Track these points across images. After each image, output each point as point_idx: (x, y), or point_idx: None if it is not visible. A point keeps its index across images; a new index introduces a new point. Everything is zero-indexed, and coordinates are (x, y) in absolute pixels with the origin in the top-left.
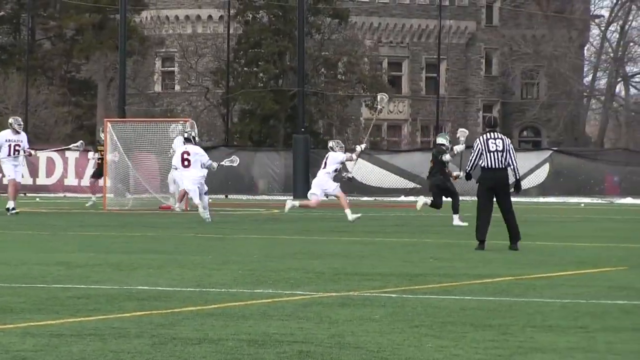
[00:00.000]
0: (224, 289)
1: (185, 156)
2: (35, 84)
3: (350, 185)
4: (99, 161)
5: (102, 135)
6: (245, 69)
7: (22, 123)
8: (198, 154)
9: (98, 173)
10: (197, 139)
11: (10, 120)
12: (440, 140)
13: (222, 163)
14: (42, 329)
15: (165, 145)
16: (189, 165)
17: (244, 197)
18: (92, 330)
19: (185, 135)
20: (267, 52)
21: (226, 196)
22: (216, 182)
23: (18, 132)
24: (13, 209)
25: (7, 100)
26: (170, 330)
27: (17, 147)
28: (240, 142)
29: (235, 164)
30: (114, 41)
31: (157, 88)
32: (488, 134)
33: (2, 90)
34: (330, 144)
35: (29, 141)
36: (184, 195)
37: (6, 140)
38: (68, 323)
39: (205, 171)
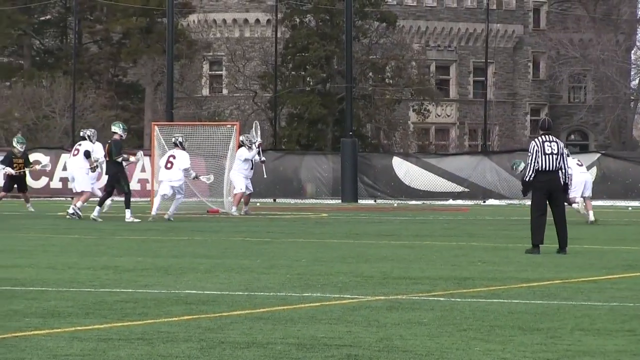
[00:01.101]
0: (272, 293)
1: (171, 159)
2: (82, 87)
3: (399, 189)
4: (20, 173)
5: (17, 146)
6: (292, 72)
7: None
8: (183, 159)
9: (9, 186)
10: (254, 141)
11: (89, 132)
12: None
13: (200, 177)
14: (89, 333)
15: (213, 149)
16: (171, 168)
17: (292, 200)
18: (139, 334)
19: (173, 140)
20: (314, 56)
21: (274, 200)
22: (264, 185)
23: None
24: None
25: (54, 104)
26: (219, 334)
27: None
28: (287, 145)
29: (209, 182)
30: (161, 45)
31: (205, 92)
32: (543, 136)
33: (49, 93)
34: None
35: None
36: (240, 198)
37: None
38: (116, 327)
39: (182, 176)
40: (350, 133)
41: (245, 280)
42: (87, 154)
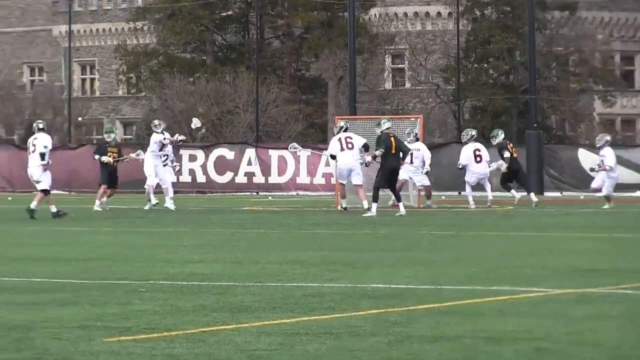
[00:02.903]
0: (459, 287)
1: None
2: (265, 82)
3: (585, 181)
4: (115, 162)
5: (111, 135)
6: (475, 65)
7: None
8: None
9: (109, 178)
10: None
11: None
12: None
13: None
14: (276, 328)
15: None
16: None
17: (477, 193)
18: (327, 328)
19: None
20: (496, 49)
21: (459, 193)
22: (448, 179)
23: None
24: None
25: (238, 99)
26: (406, 329)
27: None
28: None
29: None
30: (343, 39)
31: (387, 85)
32: None
33: (232, 89)
34: None
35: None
36: (430, 191)
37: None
38: (303, 322)
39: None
40: (535, 125)
41: (432, 274)
42: (367, 147)
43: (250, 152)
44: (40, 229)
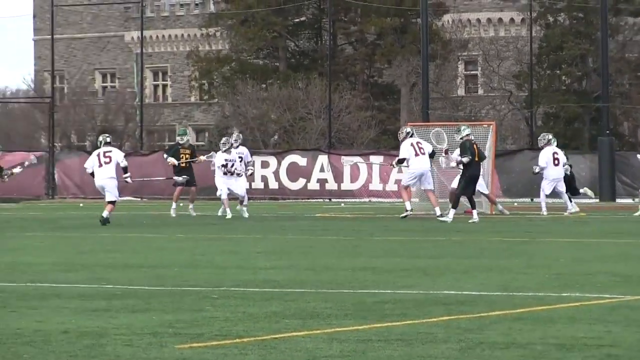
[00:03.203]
0: (530, 293)
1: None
2: (338, 89)
3: None
4: (186, 165)
5: (184, 137)
6: (547, 72)
7: None
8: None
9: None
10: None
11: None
12: None
13: None
14: (348, 334)
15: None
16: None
17: (550, 200)
18: (399, 335)
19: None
20: (568, 55)
21: (531, 199)
22: (520, 186)
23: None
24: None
25: (310, 105)
26: (478, 335)
27: None
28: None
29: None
30: (416, 45)
31: (460, 92)
32: None
33: (305, 95)
34: None
35: None
36: (490, 198)
37: None
38: (375, 328)
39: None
40: (607, 132)
41: (504, 281)
42: (433, 154)
43: (322, 159)
44: (111, 235)
